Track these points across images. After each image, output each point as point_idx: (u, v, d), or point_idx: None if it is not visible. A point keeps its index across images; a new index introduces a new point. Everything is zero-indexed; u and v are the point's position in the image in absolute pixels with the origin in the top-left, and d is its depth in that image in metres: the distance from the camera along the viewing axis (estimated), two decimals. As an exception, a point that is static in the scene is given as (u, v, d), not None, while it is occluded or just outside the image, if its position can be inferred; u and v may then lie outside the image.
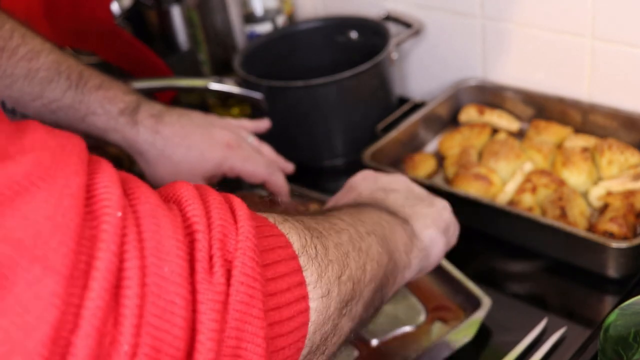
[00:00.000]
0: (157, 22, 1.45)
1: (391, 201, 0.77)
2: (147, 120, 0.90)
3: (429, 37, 1.34)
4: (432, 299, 0.92)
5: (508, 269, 0.99)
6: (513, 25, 1.21)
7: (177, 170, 0.91)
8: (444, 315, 0.89)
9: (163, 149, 0.90)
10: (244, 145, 0.99)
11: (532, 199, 1.02)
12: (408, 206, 0.77)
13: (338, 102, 1.21)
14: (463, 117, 1.25)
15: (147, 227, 0.40)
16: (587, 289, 0.93)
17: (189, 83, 1.25)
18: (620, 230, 0.93)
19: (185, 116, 0.95)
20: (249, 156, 0.97)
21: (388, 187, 0.80)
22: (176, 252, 0.40)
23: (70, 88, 0.86)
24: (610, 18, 1.09)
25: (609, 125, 1.12)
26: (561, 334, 0.86)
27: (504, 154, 1.10)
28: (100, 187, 0.39)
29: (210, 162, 0.93)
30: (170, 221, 0.42)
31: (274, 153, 1.07)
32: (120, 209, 0.39)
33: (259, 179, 0.98)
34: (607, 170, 1.06)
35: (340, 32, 1.37)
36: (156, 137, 0.90)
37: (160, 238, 0.40)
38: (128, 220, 0.39)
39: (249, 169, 0.96)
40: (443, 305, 0.90)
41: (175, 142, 0.91)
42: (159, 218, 0.41)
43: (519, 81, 1.24)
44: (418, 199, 0.80)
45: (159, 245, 0.40)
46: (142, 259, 0.39)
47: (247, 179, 0.98)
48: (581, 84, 1.17)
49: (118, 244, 0.38)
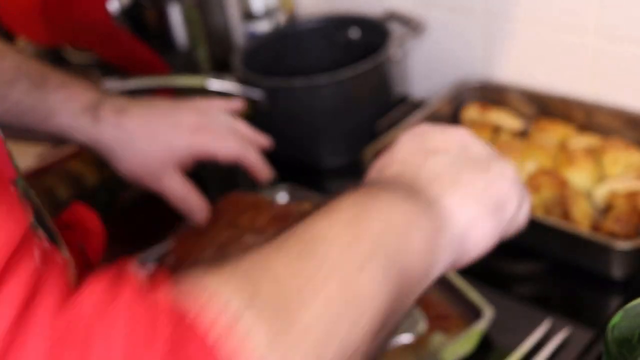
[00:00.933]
0: (155, 20, 1.45)
1: (427, 170, 0.62)
2: (110, 115, 0.87)
3: (431, 35, 1.33)
4: (433, 307, 0.90)
5: (511, 270, 0.99)
6: (516, 24, 1.20)
7: (146, 163, 0.89)
8: (445, 324, 0.87)
9: (129, 143, 0.88)
10: (213, 126, 0.95)
11: (535, 199, 1.01)
12: (450, 174, 0.61)
13: (338, 101, 1.20)
14: (465, 116, 1.24)
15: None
16: (591, 290, 0.93)
17: (187, 81, 1.25)
18: (624, 231, 0.93)
19: (150, 107, 0.92)
20: (218, 135, 0.94)
21: (435, 148, 0.65)
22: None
23: (32, 89, 0.84)
24: (614, 16, 1.08)
25: (613, 124, 1.12)
26: (565, 335, 0.85)
27: (507, 153, 1.09)
28: None
29: (178, 150, 0.90)
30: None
31: (249, 129, 1.02)
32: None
33: (231, 156, 0.94)
34: (611, 170, 1.05)
35: (340, 31, 1.37)
36: (120, 131, 0.87)
37: None
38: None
39: (220, 148, 0.93)
40: (444, 314, 0.88)
41: (139, 135, 0.88)
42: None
43: (521, 80, 1.23)
44: (469, 161, 0.63)
45: None
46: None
47: (221, 158, 0.94)
48: (585, 83, 1.17)
49: None
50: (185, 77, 1.28)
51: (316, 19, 1.38)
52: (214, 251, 0.93)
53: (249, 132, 1.01)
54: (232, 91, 1.23)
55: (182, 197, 0.92)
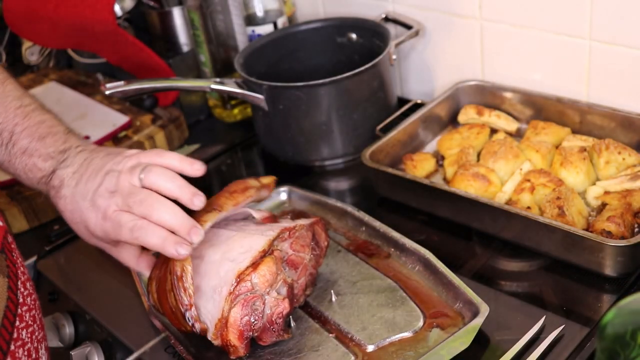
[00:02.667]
0: (158, 23, 1.46)
1: None
2: (53, 193, 0.90)
3: (428, 38, 1.34)
4: (431, 304, 0.92)
5: (506, 268, 1.00)
6: (511, 27, 1.22)
7: (89, 237, 0.89)
8: (442, 321, 0.89)
9: (68, 220, 0.90)
10: (130, 211, 0.85)
11: (530, 199, 1.03)
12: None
13: (338, 102, 1.22)
14: (462, 117, 1.25)
15: None
16: (585, 288, 0.94)
17: (190, 84, 1.25)
18: (618, 229, 0.94)
19: (79, 183, 0.87)
20: (134, 224, 0.84)
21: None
22: None
23: (1, 147, 0.90)
24: (608, 19, 1.10)
25: (607, 125, 1.13)
26: (559, 332, 0.86)
27: (503, 154, 1.11)
28: None
29: (99, 234, 0.87)
30: None
31: (179, 160, 0.88)
32: None
33: (156, 243, 0.84)
34: (605, 171, 1.07)
35: (340, 33, 1.38)
36: (60, 208, 0.89)
37: None
38: None
39: (139, 240, 0.84)
40: (441, 312, 0.91)
41: (69, 217, 0.89)
42: None
43: (517, 82, 1.25)
44: None
45: None
46: None
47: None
48: (579, 85, 1.18)
49: None
50: (187, 80, 1.29)
51: (316, 21, 1.39)
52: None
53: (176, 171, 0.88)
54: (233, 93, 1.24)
55: (135, 265, 0.93)
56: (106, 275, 1.10)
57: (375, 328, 0.90)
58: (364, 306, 0.93)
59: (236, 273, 0.85)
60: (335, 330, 0.91)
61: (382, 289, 0.96)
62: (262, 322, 0.86)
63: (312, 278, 0.96)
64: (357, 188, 1.25)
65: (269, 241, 0.88)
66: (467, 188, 1.07)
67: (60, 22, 1.33)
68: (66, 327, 1.08)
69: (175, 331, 0.93)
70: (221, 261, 0.88)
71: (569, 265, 0.96)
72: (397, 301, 0.93)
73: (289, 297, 0.88)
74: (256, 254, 0.87)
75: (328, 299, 0.96)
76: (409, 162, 1.16)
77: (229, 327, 0.85)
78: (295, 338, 0.91)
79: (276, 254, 0.88)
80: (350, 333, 0.90)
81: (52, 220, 1.23)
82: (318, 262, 0.97)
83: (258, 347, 0.89)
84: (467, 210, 1.03)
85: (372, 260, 1.01)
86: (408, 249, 0.99)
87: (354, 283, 0.98)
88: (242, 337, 0.85)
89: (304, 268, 0.93)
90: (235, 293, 0.85)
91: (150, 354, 0.93)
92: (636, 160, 1.07)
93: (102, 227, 0.85)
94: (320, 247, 0.97)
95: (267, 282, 0.86)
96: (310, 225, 0.96)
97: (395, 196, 1.13)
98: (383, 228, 1.03)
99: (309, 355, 0.88)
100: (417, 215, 1.10)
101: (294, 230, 0.92)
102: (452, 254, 1.02)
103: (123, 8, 1.41)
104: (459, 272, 0.99)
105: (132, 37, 1.36)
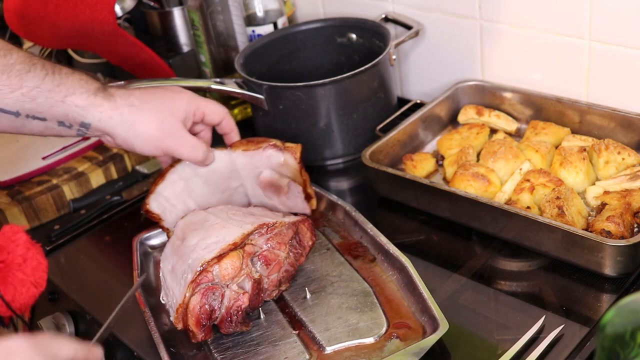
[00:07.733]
0: (158, 23, 1.46)
1: None
2: (119, 90, 1.00)
3: (428, 38, 1.34)
4: (398, 314, 0.91)
5: (506, 268, 1.00)
6: (511, 27, 1.22)
7: (159, 122, 1.00)
8: (404, 333, 0.88)
9: (141, 110, 1.00)
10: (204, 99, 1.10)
11: (530, 198, 1.03)
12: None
13: (338, 102, 1.22)
14: (462, 117, 1.26)
15: None
16: (585, 288, 0.94)
17: (190, 84, 1.25)
18: (618, 229, 0.94)
19: (149, 87, 1.07)
20: (210, 102, 1.08)
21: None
22: None
23: (48, 75, 0.94)
24: (608, 20, 1.10)
25: (607, 125, 1.13)
26: (559, 331, 0.87)
27: (503, 154, 1.11)
28: None
29: (182, 103, 1.03)
30: None
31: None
32: None
33: (219, 116, 1.08)
34: (604, 171, 1.07)
35: (340, 34, 1.38)
36: (132, 99, 1.00)
37: None
38: None
39: (211, 107, 1.07)
40: (405, 323, 0.90)
41: (149, 99, 1.01)
42: None
43: (517, 82, 1.25)
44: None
45: None
46: None
47: (210, 116, 1.07)
48: (579, 85, 1.19)
49: None
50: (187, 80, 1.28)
51: (316, 22, 1.39)
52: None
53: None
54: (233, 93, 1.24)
55: (192, 145, 1.04)
56: (106, 275, 1.10)
57: (337, 331, 0.90)
58: (334, 307, 0.94)
59: (201, 262, 0.89)
60: (299, 328, 0.92)
61: (356, 292, 0.96)
62: (219, 313, 0.89)
63: (289, 275, 0.97)
64: (357, 188, 1.25)
65: (242, 235, 0.91)
66: (466, 188, 1.07)
67: (61, 23, 1.33)
68: (66, 327, 1.08)
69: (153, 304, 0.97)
70: (195, 247, 0.92)
71: (569, 265, 0.96)
72: (366, 306, 0.93)
73: (253, 292, 0.91)
74: (225, 246, 0.90)
75: (303, 296, 0.97)
76: (408, 162, 1.16)
77: (189, 314, 0.88)
78: (260, 330, 0.93)
79: (247, 249, 0.91)
80: (312, 333, 0.91)
81: (52, 220, 1.24)
82: (298, 260, 0.98)
83: (222, 333, 0.92)
84: (466, 210, 1.03)
85: (356, 263, 1.01)
86: (391, 255, 0.98)
87: (332, 283, 0.98)
88: (200, 325, 0.89)
89: (278, 264, 0.94)
90: (197, 281, 0.88)
91: (150, 354, 0.93)
92: (636, 160, 1.07)
93: (189, 100, 1.06)
94: (303, 246, 0.98)
95: (227, 275, 0.89)
96: (293, 224, 0.97)
97: (395, 196, 1.13)
98: (373, 231, 1.03)
99: (266, 349, 0.90)
100: (417, 215, 1.10)
101: (273, 226, 0.94)
102: (451, 253, 1.03)
103: (123, 8, 1.41)
104: (458, 271, 0.99)
105: (133, 37, 1.36)
